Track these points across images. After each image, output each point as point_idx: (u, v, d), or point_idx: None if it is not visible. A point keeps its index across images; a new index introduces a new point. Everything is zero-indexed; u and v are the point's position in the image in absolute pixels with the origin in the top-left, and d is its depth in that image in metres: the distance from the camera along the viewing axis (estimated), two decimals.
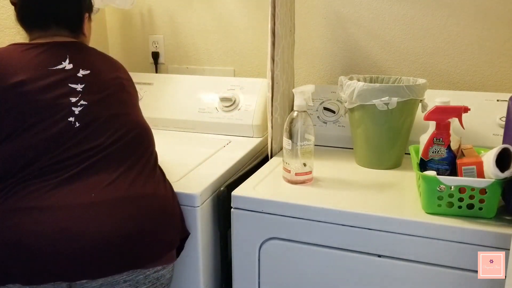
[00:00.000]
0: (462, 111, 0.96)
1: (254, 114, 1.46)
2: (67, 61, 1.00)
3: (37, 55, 0.98)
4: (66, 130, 0.93)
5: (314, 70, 1.61)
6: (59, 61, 0.99)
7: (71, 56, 1.01)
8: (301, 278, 1.03)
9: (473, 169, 0.92)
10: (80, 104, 0.96)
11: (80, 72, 1.00)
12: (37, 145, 0.91)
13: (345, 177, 1.16)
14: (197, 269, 1.08)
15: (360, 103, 1.15)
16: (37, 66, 0.96)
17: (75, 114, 0.95)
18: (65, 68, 0.99)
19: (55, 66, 0.98)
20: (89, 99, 0.98)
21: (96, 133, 0.96)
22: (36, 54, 0.98)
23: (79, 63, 1.01)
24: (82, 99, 0.97)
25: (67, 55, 1.00)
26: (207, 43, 1.73)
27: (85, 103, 0.97)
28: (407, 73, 1.50)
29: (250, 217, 1.04)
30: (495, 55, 1.40)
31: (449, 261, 0.90)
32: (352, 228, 0.96)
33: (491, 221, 0.90)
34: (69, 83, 0.98)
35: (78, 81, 0.99)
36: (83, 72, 1.00)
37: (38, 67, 0.96)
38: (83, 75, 1.00)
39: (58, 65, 0.98)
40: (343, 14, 1.53)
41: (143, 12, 1.79)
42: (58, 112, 0.94)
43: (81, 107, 0.96)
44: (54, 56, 0.99)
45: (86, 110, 0.96)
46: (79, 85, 0.98)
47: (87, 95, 0.98)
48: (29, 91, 0.93)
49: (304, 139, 1.08)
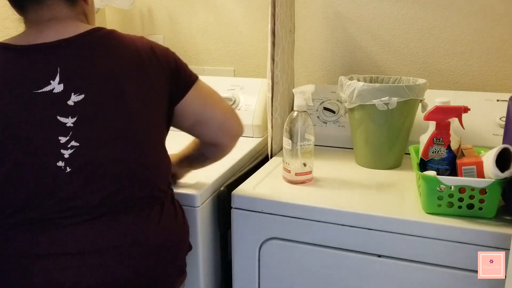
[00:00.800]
0: (462, 111, 0.96)
1: (254, 114, 1.46)
2: (57, 79, 0.78)
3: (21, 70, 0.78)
4: (54, 177, 0.77)
5: (314, 70, 1.61)
6: (47, 79, 0.77)
7: (62, 69, 0.78)
8: (301, 278, 1.03)
9: (473, 169, 0.92)
10: (71, 145, 0.77)
11: (72, 97, 0.78)
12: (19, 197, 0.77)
13: (345, 177, 1.16)
14: (197, 269, 1.08)
15: (360, 103, 1.15)
16: (19, 87, 0.77)
17: (65, 158, 0.77)
18: (54, 91, 0.77)
19: (42, 87, 0.77)
20: (81, 139, 0.78)
21: (90, 184, 0.79)
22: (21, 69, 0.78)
23: (71, 81, 0.78)
24: (73, 140, 0.78)
25: (58, 68, 0.78)
26: (207, 43, 1.73)
27: (76, 144, 0.78)
28: (407, 73, 1.50)
29: (250, 217, 1.04)
30: (495, 55, 1.40)
31: (449, 261, 0.90)
32: (352, 228, 0.96)
33: (491, 221, 0.90)
34: (58, 115, 0.77)
35: (69, 112, 0.78)
36: (74, 98, 0.78)
37: (18, 89, 0.77)
38: (74, 102, 0.78)
39: (45, 85, 0.77)
40: (343, 14, 1.53)
41: (143, 12, 1.79)
42: (44, 155, 0.77)
43: (71, 150, 0.77)
44: (41, 72, 0.78)
45: (78, 153, 0.78)
46: (69, 118, 0.77)
47: (79, 134, 0.78)
48: (6, 124, 0.76)
49: (304, 139, 1.08)
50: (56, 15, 0.84)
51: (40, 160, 0.77)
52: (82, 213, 0.79)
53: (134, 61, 0.84)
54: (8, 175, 0.77)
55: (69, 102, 0.78)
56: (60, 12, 0.84)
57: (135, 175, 0.83)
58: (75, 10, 0.87)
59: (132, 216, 0.83)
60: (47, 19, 0.83)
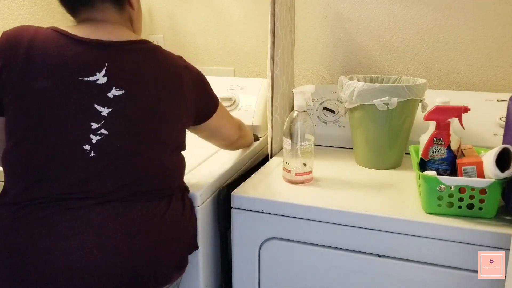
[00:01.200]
0: (462, 111, 0.96)
1: (254, 114, 1.46)
2: (102, 72, 0.85)
3: (74, 56, 0.85)
4: (78, 158, 0.83)
5: (314, 70, 1.61)
6: (94, 70, 0.85)
7: (109, 66, 0.86)
8: (301, 278, 1.03)
9: (473, 169, 0.92)
10: (100, 132, 0.84)
11: (112, 91, 0.86)
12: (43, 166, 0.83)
13: (345, 177, 1.16)
14: (197, 269, 1.08)
15: (360, 103, 1.15)
16: (67, 71, 0.84)
17: (92, 143, 0.84)
18: (97, 81, 0.85)
19: (87, 76, 0.84)
20: (111, 128, 0.85)
21: (111, 169, 0.85)
22: (74, 55, 0.85)
23: (115, 77, 0.86)
24: (104, 127, 0.85)
25: (105, 63, 0.86)
26: (207, 43, 1.73)
27: (106, 132, 0.85)
28: (407, 73, 1.50)
29: (250, 217, 1.04)
30: (495, 55, 1.40)
31: (449, 261, 0.90)
32: (352, 228, 0.96)
33: (491, 221, 0.90)
34: (95, 103, 0.85)
35: (106, 103, 0.85)
36: (115, 92, 0.86)
37: (67, 74, 0.84)
38: (114, 96, 0.86)
39: (91, 75, 0.85)
40: (343, 14, 1.53)
41: (143, 12, 1.79)
42: (73, 135, 0.83)
43: (100, 136, 0.84)
44: (90, 63, 0.85)
45: (105, 141, 0.85)
46: (105, 108, 0.85)
47: (110, 124, 0.85)
48: (50, 100, 0.83)
49: (304, 139, 1.08)
50: (107, 18, 0.92)
51: (69, 139, 0.83)
52: (94, 196, 0.84)
53: (174, 75, 0.94)
54: (37, 143, 0.83)
55: (109, 94, 0.85)
56: (111, 16, 0.93)
57: (151, 171, 0.90)
58: (123, 16, 0.95)
59: (140, 205, 0.88)
60: (100, 20, 0.92)
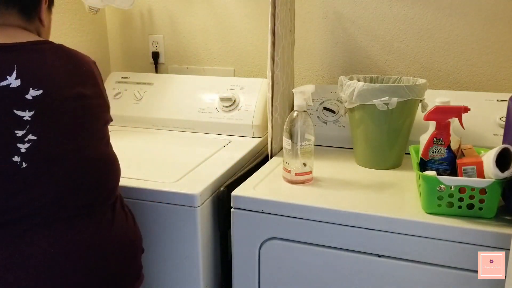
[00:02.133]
0: (462, 111, 0.96)
1: (254, 114, 1.46)
2: (13, 75, 0.76)
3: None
4: (10, 173, 0.76)
5: (314, 70, 1.61)
6: (3, 74, 0.76)
7: (19, 67, 0.77)
8: (301, 278, 1.03)
9: (473, 169, 0.92)
10: (28, 139, 0.76)
11: (30, 92, 0.77)
12: None
13: (345, 177, 1.16)
14: (197, 269, 1.08)
15: (360, 103, 1.15)
16: None
17: (21, 153, 0.76)
18: (10, 85, 0.76)
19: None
20: (39, 131, 0.77)
21: (48, 177, 0.79)
22: None
23: (29, 78, 0.77)
24: (31, 133, 0.76)
25: (15, 65, 0.77)
26: (207, 43, 1.73)
27: (33, 137, 0.77)
28: (407, 73, 1.50)
29: (250, 217, 1.04)
30: (495, 55, 1.40)
31: (449, 261, 0.90)
32: (352, 228, 0.96)
33: (491, 221, 0.90)
34: (14, 108, 0.76)
35: (26, 106, 0.76)
36: (33, 93, 0.77)
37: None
38: (33, 97, 0.77)
39: (1, 80, 0.76)
40: (343, 14, 1.53)
41: (143, 12, 1.79)
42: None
43: (28, 144, 0.76)
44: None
45: (35, 147, 0.77)
46: (27, 112, 0.76)
47: (37, 127, 0.77)
48: None
49: (304, 139, 1.08)
50: (10, 23, 0.85)
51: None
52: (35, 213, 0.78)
53: (87, 70, 0.88)
54: None
55: (28, 96, 0.77)
56: (14, 21, 0.85)
57: (93, 168, 0.85)
58: (29, 26, 0.87)
59: (86, 221, 0.84)
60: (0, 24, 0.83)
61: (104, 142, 0.91)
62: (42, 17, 0.90)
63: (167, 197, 1.06)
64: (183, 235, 1.07)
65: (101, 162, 0.88)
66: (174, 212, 1.06)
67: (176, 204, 1.06)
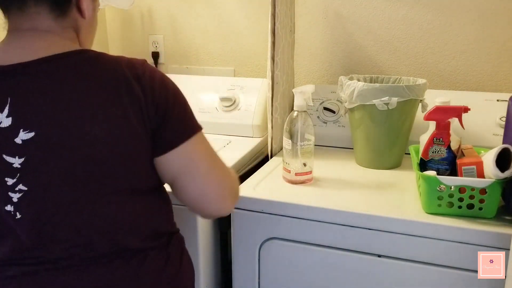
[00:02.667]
0: (462, 111, 0.96)
1: (254, 114, 1.46)
2: (5, 111, 0.65)
3: None
4: (5, 223, 0.68)
5: (314, 70, 1.61)
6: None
7: (14, 100, 0.66)
8: (301, 278, 1.03)
9: (473, 169, 0.92)
10: (19, 189, 0.67)
11: (20, 134, 0.65)
12: None
13: (345, 177, 1.16)
14: (197, 269, 1.08)
15: (360, 103, 1.15)
16: None
17: (14, 202, 0.67)
18: (1, 125, 0.66)
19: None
20: (30, 183, 0.67)
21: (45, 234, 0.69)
22: None
23: (22, 115, 0.66)
24: (21, 182, 0.66)
25: (8, 98, 0.66)
26: (207, 43, 1.73)
27: (24, 188, 0.66)
28: (407, 73, 1.50)
29: (250, 217, 1.04)
30: (495, 55, 1.40)
31: (449, 261, 0.90)
32: (352, 228, 0.96)
33: (491, 221, 0.90)
34: (3, 153, 0.66)
35: (16, 151, 0.66)
36: (23, 136, 0.65)
37: None
38: (22, 140, 0.65)
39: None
40: (343, 14, 1.53)
41: (143, 12, 1.79)
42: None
43: (20, 194, 0.67)
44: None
45: (26, 199, 0.67)
46: (16, 158, 0.66)
47: (27, 177, 0.66)
48: None
49: (304, 139, 1.08)
50: (36, 26, 0.71)
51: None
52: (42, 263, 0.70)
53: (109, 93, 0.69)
54: None
55: (17, 140, 0.66)
56: (41, 24, 0.71)
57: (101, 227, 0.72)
58: (63, 23, 0.73)
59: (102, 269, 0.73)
60: (26, 29, 0.71)
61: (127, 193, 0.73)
62: (83, 6, 0.73)
63: None
64: (183, 235, 1.07)
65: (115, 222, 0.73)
66: (174, 212, 1.06)
67: (176, 204, 1.05)
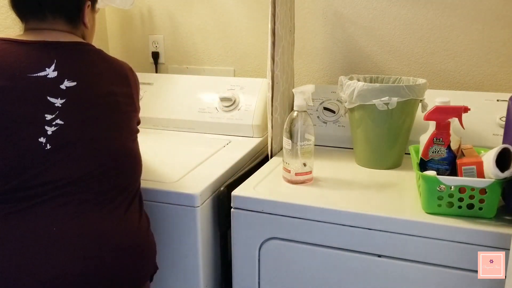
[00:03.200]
0: (462, 111, 0.96)
1: (254, 114, 1.46)
2: (52, 67, 0.86)
3: (18, 56, 0.85)
4: (34, 151, 0.82)
5: (314, 70, 1.61)
6: (42, 66, 0.85)
7: (59, 61, 0.87)
8: (301, 278, 1.03)
9: (473, 169, 0.92)
10: (56, 123, 0.84)
11: (65, 83, 0.86)
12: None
13: (345, 177, 1.16)
14: (197, 269, 1.08)
15: (360, 103, 1.15)
16: (15, 70, 0.83)
17: (48, 135, 0.83)
18: (48, 76, 0.85)
19: (36, 72, 0.84)
20: (67, 118, 0.85)
21: (68, 160, 0.84)
22: (18, 55, 0.85)
23: (66, 71, 0.87)
24: (59, 118, 0.84)
25: (55, 59, 0.87)
26: (207, 43, 1.73)
27: (61, 122, 0.84)
28: (407, 73, 1.50)
29: (250, 217, 1.04)
30: (495, 55, 1.40)
31: (449, 261, 0.90)
32: (352, 228, 0.96)
33: (491, 221, 0.90)
34: (48, 95, 0.84)
35: (59, 94, 0.85)
36: (67, 84, 0.86)
37: (16, 72, 0.83)
38: (66, 87, 0.86)
39: (40, 71, 0.85)
40: (343, 14, 1.53)
41: (143, 12, 1.79)
42: (27, 129, 0.82)
43: (55, 127, 0.84)
44: (38, 60, 0.86)
45: (61, 131, 0.84)
46: (59, 99, 0.85)
47: (65, 113, 0.85)
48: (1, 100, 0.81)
49: (304, 139, 1.08)
50: (55, 28, 0.92)
51: (23, 134, 0.82)
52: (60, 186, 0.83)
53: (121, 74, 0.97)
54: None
55: (62, 86, 0.86)
56: (59, 27, 0.92)
57: (113, 158, 0.90)
58: (74, 31, 0.95)
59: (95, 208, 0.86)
60: (44, 29, 0.91)
61: (131, 138, 0.96)
62: (85, 21, 0.96)
63: (167, 197, 1.06)
64: (183, 235, 1.07)
65: (123, 155, 0.92)
66: (174, 212, 1.06)
67: (176, 204, 1.06)
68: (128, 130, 0.96)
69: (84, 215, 0.85)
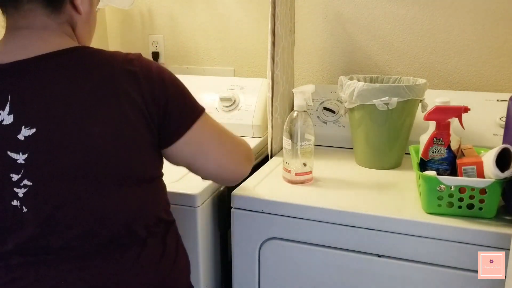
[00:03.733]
0: (462, 111, 0.96)
1: (254, 114, 1.46)
2: (6, 110, 0.67)
3: None
4: (12, 215, 0.69)
5: (314, 70, 1.61)
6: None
7: (15, 98, 0.67)
8: (301, 278, 1.03)
9: (473, 169, 0.92)
10: (24, 184, 0.68)
11: (22, 131, 0.67)
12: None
13: (345, 177, 1.16)
14: (197, 269, 1.08)
15: (360, 103, 1.15)
16: None
17: (19, 197, 0.68)
18: (3, 122, 0.67)
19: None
20: (34, 177, 0.68)
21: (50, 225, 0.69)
22: None
23: (23, 113, 0.67)
24: (25, 178, 0.67)
25: (9, 96, 0.67)
26: (207, 43, 1.73)
27: (29, 183, 0.68)
28: (407, 73, 1.50)
29: (250, 217, 1.04)
30: (495, 55, 1.40)
31: (449, 261, 0.90)
32: (352, 228, 0.96)
33: (491, 221, 0.90)
34: (8, 149, 0.67)
35: (19, 147, 0.67)
36: (25, 132, 0.67)
37: None
38: (25, 137, 0.67)
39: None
40: (343, 14, 1.53)
41: (143, 12, 1.79)
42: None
43: (25, 189, 0.68)
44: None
45: (32, 193, 0.68)
46: (20, 154, 0.67)
47: (31, 172, 0.68)
48: None
49: (304, 139, 1.08)
50: (31, 24, 0.73)
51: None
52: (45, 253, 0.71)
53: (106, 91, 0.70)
54: None
55: (19, 137, 0.67)
56: (36, 21, 0.73)
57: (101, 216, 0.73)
58: (57, 19, 0.74)
59: (100, 260, 0.74)
60: (21, 27, 0.73)
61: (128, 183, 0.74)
62: (77, 2, 0.75)
63: None
64: (183, 235, 1.06)
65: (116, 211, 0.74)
66: (174, 212, 1.06)
67: (176, 204, 1.06)
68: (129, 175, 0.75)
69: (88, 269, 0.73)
